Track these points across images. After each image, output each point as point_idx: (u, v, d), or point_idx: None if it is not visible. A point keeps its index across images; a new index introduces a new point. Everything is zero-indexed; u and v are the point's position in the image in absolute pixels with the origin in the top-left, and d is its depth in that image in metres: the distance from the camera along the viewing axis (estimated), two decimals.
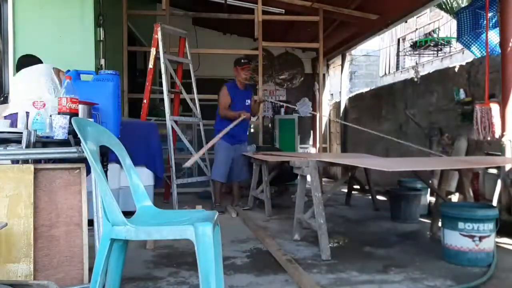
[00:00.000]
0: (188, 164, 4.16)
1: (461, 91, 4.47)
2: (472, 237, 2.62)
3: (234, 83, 4.90)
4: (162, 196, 5.31)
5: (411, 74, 5.68)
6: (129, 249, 3.04)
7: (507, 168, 3.47)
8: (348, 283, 2.35)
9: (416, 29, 10.79)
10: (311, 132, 8.74)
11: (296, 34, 7.32)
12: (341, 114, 8.27)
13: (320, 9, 6.04)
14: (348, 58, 8.65)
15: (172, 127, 4.55)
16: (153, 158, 4.34)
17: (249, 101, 4.88)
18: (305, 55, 8.72)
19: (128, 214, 4.55)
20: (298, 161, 3.16)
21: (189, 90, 5.19)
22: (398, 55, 10.64)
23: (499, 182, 3.52)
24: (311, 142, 8.77)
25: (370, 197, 4.91)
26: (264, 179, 4.56)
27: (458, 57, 8.45)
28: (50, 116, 2.26)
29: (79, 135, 1.69)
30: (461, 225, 2.65)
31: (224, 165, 4.73)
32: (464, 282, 2.32)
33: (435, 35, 9.74)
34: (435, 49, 7.18)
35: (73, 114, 2.27)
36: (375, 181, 5.45)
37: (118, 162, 4.03)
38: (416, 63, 8.17)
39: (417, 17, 9.83)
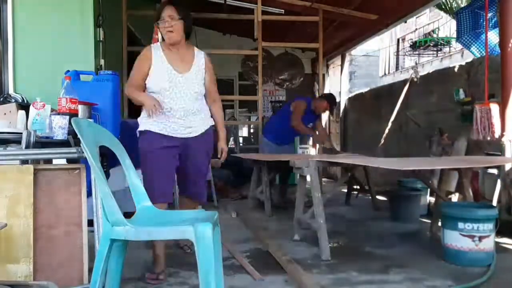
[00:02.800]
0: None
1: (461, 91, 4.47)
2: (472, 237, 2.62)
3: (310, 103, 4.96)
4: None
5: (411, 74, 5.68)
6: (129, 249, 3.04)
7: (507, 168, 3.47)
8: (348, 283, 2.35)
9: (416, 29, 10.79)
10: None
11: (296, 34, 7.32)
12: (341, 114, 8.27)
13: (320, 9, 6.04)
14: (347, 58, 8.65)
15: None
16: None
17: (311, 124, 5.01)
18: (305, 55, 8.72)
19: (130, 214, 4.54)
20: (298, 161, 3.15)
21: None
22: (397, 55, 10.63)
23: (499, 182, 3.52)
24: (311, 142, 8.77)
25: (370, 197, 4.91)
26: (264, 179, 4.56)
27: (458, 57, 8.45)
28: (50, 116, 2.26)
29: (78, 135, 1.69)
30: (461, 225, 2.65)
31: None
32: (464, 282, 2.32)
33: (434, 35, 9.73)
34: (435, 49, 7.17)
35: (73, 114, 2.27)
36: (375, 181, 5.45)
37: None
38: (416, 63, 8.16)
39: (417, 17, 9.83)
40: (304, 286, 2.21)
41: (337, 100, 8.57)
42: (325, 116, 8.75)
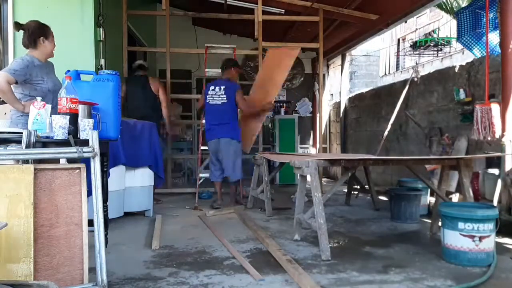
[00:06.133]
0: None
1: (461, 91, 4.47)
2: (472, 237, 2.62)
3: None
4: (162, 196, 5.33)
5: (411, 74, 5.68)
6: (129, 249, 3.05)
7: (507, 168, 3.47)
8: (348, 283, 2.35)
9: (416, 29, 10.78)
10: (311, 132, 8.74)
11: (296, 34, 7.32)
12: (341, 114, 8.28)
13: (320, 9, 6.04)
14: (348, 58, 8.65)
15: None
16: (155, 158, 4.35)
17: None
18: (305, 55, 8.72)
19: (130, 214, 4.55)
20: (298, 161, 3.15)
21: (189, 90, 5.20)
22: (398, 55, 10.62)
23: (499, 182, 3.52)
24: (311, 142, 8.78)
25: (370, 197, 4.91)
26: (264, 179, 4.56)
27: (458, 57, 8.45)
28: (50, 116, 2.26)
29: None
30: (461, 225, 2.65)
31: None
32: (464, 282, 2.32)
33: (435, 35, 9.73)
34: (435, 49, 7.15)
35: (73, 114, 2.27)
36: (375, 181, 5.45)
37: (124, 164, 4.07)
38: (416, 63, 8.15)
39: (417, 17, 9.81)
40: (304, 286, 2.21)
41: (338, 100, 8.60)
42: (325, 116, 8.77)
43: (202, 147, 5.24)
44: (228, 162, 4.73)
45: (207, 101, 4.82)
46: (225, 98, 4.74)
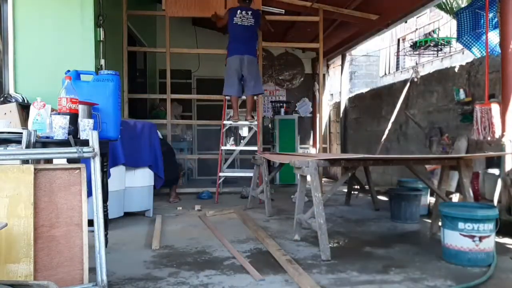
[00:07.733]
0: None
1: (461, 91, 4.47)
2: (472, 237, 2.62)
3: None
4: (164, 196, 5.32)
5: (411, 74, 5.68)
6: (129, 249, 3.05)
7: (507, 168, 3.47)
8: (348, 283, 2.35)
9: (416, 29, 10.77)
10: (311, 132, 8.74)
11: (296, 34, 7.32)
12: (341, 115, 8.28)
13: (320, 9, 6.04)
14: (348, 58, 8.65)
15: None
16: (155, 159, 4.35)
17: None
18: (305, 55, 8.72)
19: (130, 214, 4.55)
20: (298, 161, 3.15)
21: (189, 90, 5.21)
22: (398, 55, 10.62)
23: (499, 182, 3.52)
24: (311, 142, 8.78)
25: (370, 197, 4.91)
26: (264, 179, 4.56)
27: (458, 57, 8.44)
28: (50, 116, 2.26)
29: None
30: (461, 225, 2.65)
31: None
32: (464, 282, 2.33)
33: (435, 35, 9.72)
34: (435, 49, 7.15)
35: (73, 114, 2.27)
36: (375, 181, 5.44)
37: (124, 164, 4.07)
38: (416, 63, 8.15)
39: (417, 17, 9.81)
40: (304, 286, 2.21)
41: (338, 100, 8.61)
42: (325, 116, 8.77)
43: (223, 147, 5.65)
44: (251, 79, 5.32)
45: (235, 22, 5.29)
46: (252, 22, 5.34)
